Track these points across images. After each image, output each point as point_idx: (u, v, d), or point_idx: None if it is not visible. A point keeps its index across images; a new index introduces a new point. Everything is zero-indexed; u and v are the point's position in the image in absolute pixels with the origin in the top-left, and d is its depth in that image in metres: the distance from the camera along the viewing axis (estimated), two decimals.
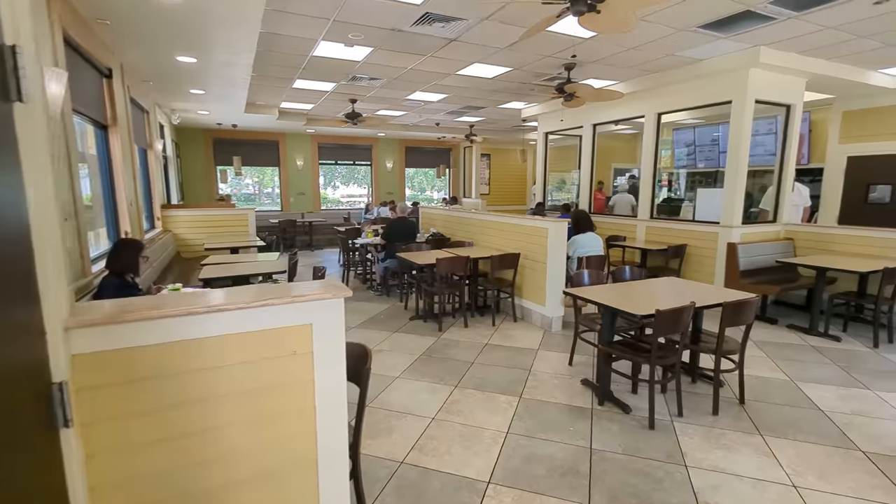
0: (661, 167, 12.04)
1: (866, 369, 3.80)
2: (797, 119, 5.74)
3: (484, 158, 14.86)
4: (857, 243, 5.23)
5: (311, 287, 1.54)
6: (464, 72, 6.05)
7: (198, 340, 1.31)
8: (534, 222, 5.06)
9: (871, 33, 4.46)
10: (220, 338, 1.33)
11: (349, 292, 1.54)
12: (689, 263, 6.03)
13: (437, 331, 4.88)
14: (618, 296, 3.24)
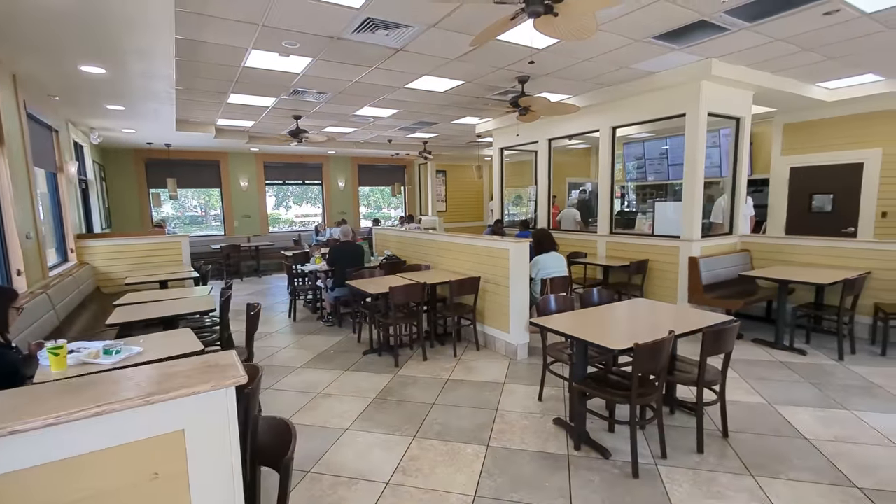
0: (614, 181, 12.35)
1: (838, 385, 3.68)
2: (747, 131, 5.79)
3: (440, 175, 14.61)
4: (810, 253, 5.27)
5: (183, 370, 1.09)
6: (414, 85, 5.72)
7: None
8: (494, 243, 4.74)
9: (815, 46, 4.50)
10: (23, 473, 0.85)
11: (240, 376, 1.10)
12: (652, 279, 5.90)
13: (394, 366, 4.42)
14: (589, 324, 2.94)
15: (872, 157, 6.69)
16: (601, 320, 3.05)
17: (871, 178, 6.73)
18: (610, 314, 3.19)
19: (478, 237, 5.06)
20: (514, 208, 12.76)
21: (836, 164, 7.09)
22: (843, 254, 5.01)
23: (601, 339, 2.61)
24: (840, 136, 6.96)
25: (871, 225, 6.75)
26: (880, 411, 3.21)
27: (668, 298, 5.68)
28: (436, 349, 4.91)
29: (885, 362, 4.17)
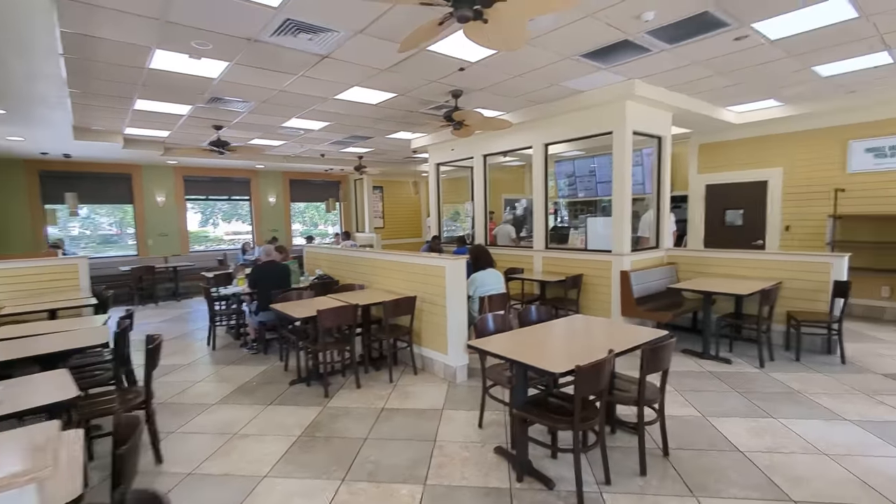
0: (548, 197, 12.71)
1: (762, 393, 3.82)
2: (668, 150, 6.10)
3: (376, 191, 14.30)
4: (727, 265, 5.57)
5: None
6: (344, 96, 5.46)
7: None
8: (430, 261, 4.54)
9: (726, 70, 4.82)
10: None
11: (42, 469, 0.78)
12: (587, 293, 5.97)
13: (324, 396, 4.04)
14: (528, 345, 2.79)
15: (775, 176, 7.32)
16: (540, 340, 2.92)
17: (774, 194, 7.34)
18: (549, 333, 3.08)
19: (413, 254, 4.84)
20: (452, 224, 12.74)
21: (745, 182, 7.68)
22: (757, 265, 5.34)
23: (542, 361, 2.46)
24: (747, 156, 7.57)
25: (776, 237, 7.34)
26: (802, 418, 3.33)
27: (602, 312, 5.76)
28: (370, 375, 4.58)
29: (800, 367, 4.42)
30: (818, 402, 3.60)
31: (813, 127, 6.78)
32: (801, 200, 7.02)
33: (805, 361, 4.59)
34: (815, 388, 3.86)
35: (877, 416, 3.33)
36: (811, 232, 6.93)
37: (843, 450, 2.86)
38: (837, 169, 6.65)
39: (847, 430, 3.13)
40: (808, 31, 3.80)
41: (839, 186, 6.60)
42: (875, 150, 6.37)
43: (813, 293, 4.94)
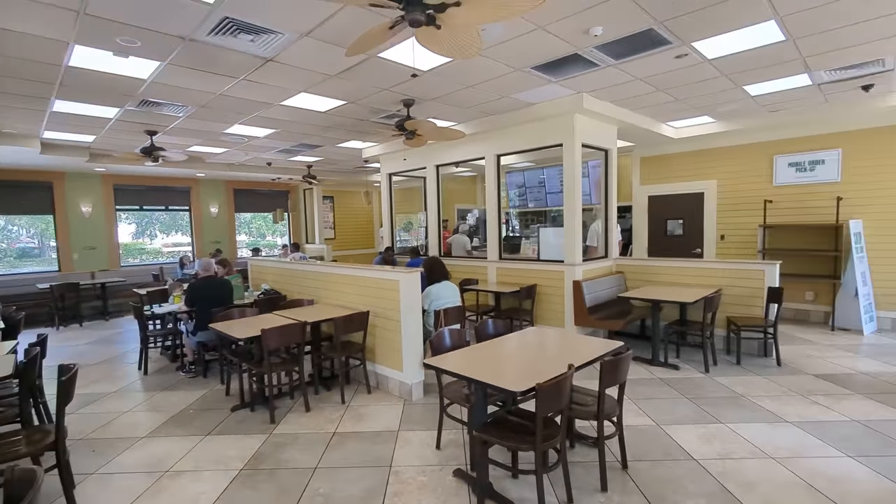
0: None
1: (709, 398, 3.94)
2: (614, 162, 6.30)
3: (327, 201, 13.91)
4: (671, 273, 5.79)
5: None
6: (290, 103, 5.22)
7: None
8: (383, 274, 4.38)
9: (666, 87, 5.04)
10: None
11: None
12: (541, 303, 6.01)
13: (269, 422, 3.75)
14: (486, 362, 2.70)
15: (710, 188, 7.76)
16: (498, 355, 2.84)
17: (710, 205, 7.78)
18: (506, 347, 3.00)
19: (366, 268, 4.66)
20: (405, 235, 12.59)
21: (684, 194, 8.10)
22: (698, 273, 5.58)
23: (501, 378, 2.38)
24: (685, 169, 7.99)
25: (713, 246, 7.77)
26: (748, 421, 3.45)
27: (556, 322, 5.81)
28: (321, 396, 4.32)
29: (741, 371, 4.63)
30: (760, 405, 3.75)
31: (743, 142, 7.26)
32: (734, 211, 7.48)
33: (745, 365, 4.81)
34: (756, 392, 4.04)
35: (813, 416, 3.51)
36: (744, 241, 7.38)
37: (787, 452, 2.97)
38: (765, 181, 7.15)
39: (789, 432, 3.27)
40: (741, 52, 4.03)
41: (767, 198, 7.09)
42: (797, 165, 6.90)
43: (749, 299, 5.22)
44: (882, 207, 6.19)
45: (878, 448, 3.00)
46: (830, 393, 3.98)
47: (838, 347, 5.39)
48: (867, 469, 2.74)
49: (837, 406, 3.69)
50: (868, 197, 6.28)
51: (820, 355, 5.08)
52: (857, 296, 6.05)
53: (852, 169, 6.40)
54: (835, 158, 6.56)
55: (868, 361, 4.83)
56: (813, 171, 6.76)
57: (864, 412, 3.56)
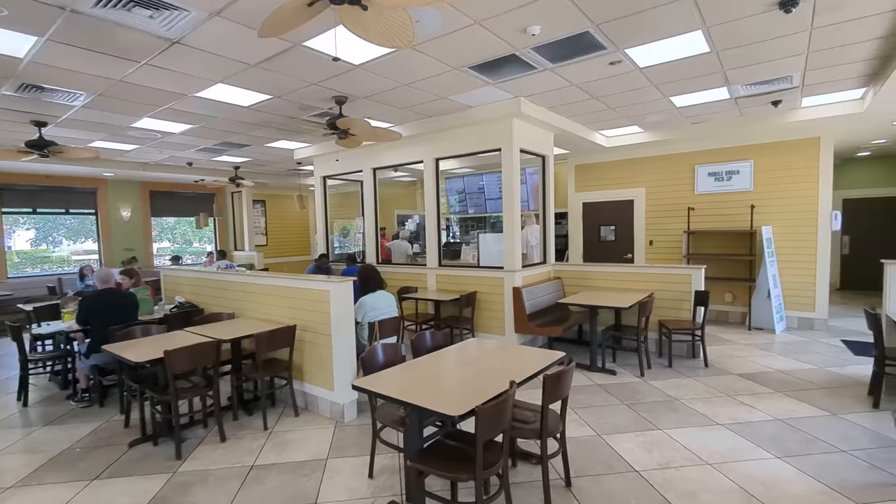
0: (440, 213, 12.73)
1: (646, 404, 3.96)
2: (551, 168, 6.33)
3: (258, 205, 13.07)
4: (606, 278, 5.89)
5: None
6: (206, 94, 4.70)
7: None
8: (311, 284, 4.01)
9: (600, 95, 5.11)
10: None
11: None
12: (481, 310, 5.88)
13: (175, 458, 3.25)
14: (422, 380, 2.46)
15: (639, 195, 8.08)
16: (435, 373, 2.61)
17: (639, 212, 8.10)
18: (444, 363, 2.78)
19: (293, 277, 4.26)
20: (343, 241, 12.08)
21: (615, 201, 8.38)
22: (631, 278, 5.72)
23: (438, 400, 2.14)
24: (616, 177, 8.27)
25: (643, 252, 8.09)
26: (683, 426, 3.48)
27: (496, 329, 5.70)
28: (241, 423, 3.86)
29: (673, 374, 4.74)
30: (693, 408, 3.82)
31: (668, 152, 7.63)
32: (661, 217, 7.83)
33: (676, 367, 4.95)
34: (688, 395, 4.12)
35: (742, 417, 3.61)
36: (670, 246, 7.74)
37: (721, 457, 2.99)
38: (688, 190, 7.54)
39: (721, 435, 3.32)
40: (670, 62, 4.14)
41: (690, 205, 7.48)
42: (715, 175, 7.34)
43: (678, 302, 5.40)
44: (788, 215, 6.72)
45: (801, 447, 3.11)
46: (754, 392, 4.15)
47: (755, 346, 5.72)
48: (795, 470, 2.81)
49: (761, 405, 3.84)
50: (776, 205, 6.79)
51: (740, 355, 5.35)
52: (769, 297, 6.49)
53: (763, 179, 6.90)
54: (748, 169, 7.05)
55: (782, 359, 5.14)
56: (729, 180, 7.22)
57: (785, 410, 3.72)
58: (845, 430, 3.36)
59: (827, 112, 5.88)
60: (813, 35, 3.60)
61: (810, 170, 6.55)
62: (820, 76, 4.68)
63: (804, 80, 4.79)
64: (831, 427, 3.40)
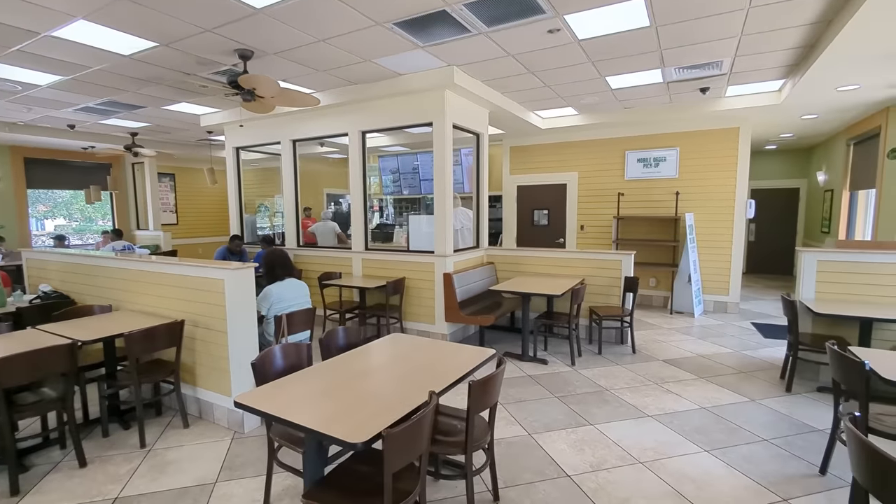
0: (372, 193, 12.11)
1: (577, 395, 3.81)
2: (486, 147, 6.01)
3: (166, 179, 11.67)
4: (539, 263, 5.73)
5: None
6: (67, 34, 3.79)
7: None
8: (203, 271, 3.37)
9: (537, 69, 4.82)
10: None
11: None
12: (410, 297, 5.48)
13: (9, 495, 2.56)
14: (327, 391, 2.02)
15: (572, 180, 8.03)
16: (345, 380, 2.17)
17: (572, 196, 8.07)
18: (357, 366, 2.35)
19: (183, 263, 3.57)
20: (265, 221, 11.12)
21: (549, 185, 8.29)
22: (564, 263, 5.59)
23: (338, 421, 1.72)
24: (551, 160, 8.16)
25: (574, 236, 8.09)
26: (614, 419, 3.34)
27: (426, 318, 5.35)
28: (113, 439, 3.19)
29: (603, 361, 4.67)
30: (623, 398, 3.71)
31: (601, 137, 7.61)
32: (593, 202, 7.85)
33: (606, 354, 4.89)
34: (618, 384, 4.03)
35: (669, 407, 3.55)
36: (601, 231, 7.80)
37: (653, 453, 2.86)
38: (618, 175, 7.59)
39: (651, 428, 3.21)
40: (609, 35, 3.91)
41: (620, 191, 7.55)
42: (644, 161, 7.43)
43: (608, 288, 5.35)
44: (708, 203, 6.95)
45: (726, 437, 3.07)
46: (679, 379, 4.15)
47: (677, 331, 5.86)
48: (723, 464, 2.74)
49: (686, 393, 3.83)
50: (698, 193, 7.00)
51: (664, 340, 5.43)
52: (689, 282, 6.71)
53: (687, 167, 7.07)
54: (674, 156, 7.19)
55: (701, 343, 5.28)
56: (657, 167, 7.33)
57: (708, 398, 3.73)
58: (764, 416, 3.39)
59: (747, 102, 6.05)
60: (749, 14, 3.50)
61: (730, 159, 6.78)
62: (748, 63, 4.70)
63: (733, 66, 4.81)
64: (751, 414, 3.42)
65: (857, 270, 3.96)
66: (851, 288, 3.99)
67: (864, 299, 3.94)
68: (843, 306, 3.75)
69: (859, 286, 3.96)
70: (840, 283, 4.03)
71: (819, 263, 4.08)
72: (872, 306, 3.76)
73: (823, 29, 3.77)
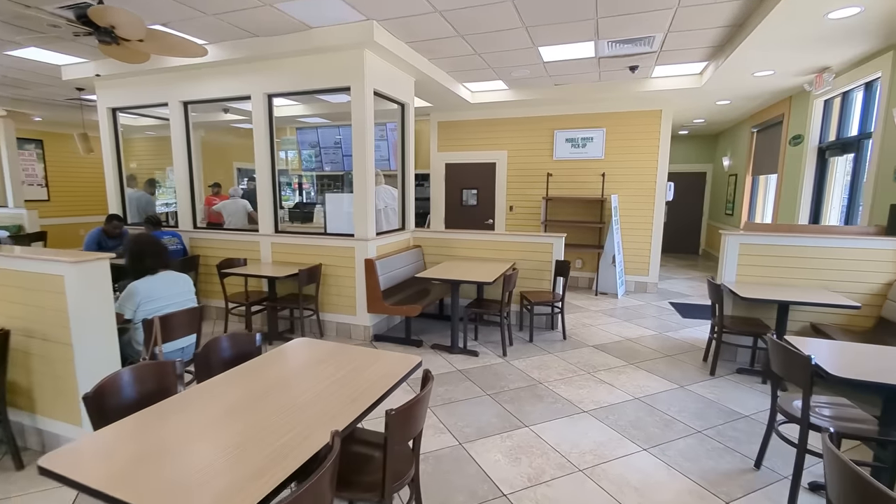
0: (291, 170, 11.06)
1: (510, 391, 3.53)
2: (412, 119, 5.47)
3: (30, 146, 9.78)
4: (469, 246, 5.39)
5: None
6: None
7: None
8: (35, 265, 2.54)
9: (467, 31, 4.35)
10: None
11: None
12: (328, 286, 4.89)
13: None
14: (190, 436, 1.47)
15: (501, 158, 7.76)
16: (220, 415, 1.62)
17: (501, 176, 7.81)
18: (241, 391, 1.80)
19: (4, 252, 2.71)
20: (163, 197, 9.68)
21: (478, 163, 7.96)
22: (495, 247, 5.29)
23: (202, 490, 1.20)
24: (480, 137, 7.81)
25: (503, 217, 7.87)
26: (549, 419, 3.09)
27: (346, 309, 4.81)
28: None
29: (535, 350, 4.46)
30: (558, 392, 3.50)
31: (530, 115, 7.37)
32: (522, 182, 7.65)
33: (537, 341, 4.70)
34: (552, 375, 3.82)
35: (604, 399, 3.39)
36: (530, 212, 7.64)
37: (592, 458, 2.63)
38: (547, 155, 7.43)
39: (588, 426, 3.00)
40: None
41: (549, 171, 7.41)
42: (572, 141, 7.32)
43: (539, 272, 5.15)
44: (630, 184, 7.01)
45: (662, 432, 2.94)
46: (610, 366, 4.04)
47: (603, 312, 5.86)
48: (663, 465, 2.57)
49: (618, 382, 3.70)
50: (622, 174, 7.04)
51: (592, 323, 5.38)
52: (613, 263, 6.77)
53: (612, 148, 7.06)
54: (600, 137, 7.14)
55: (627, 326, 5.29)
56: (584, 147, 7.26)
57: (640, 386, 3.63)
58: (694, 404, 3.34)
59: (671, 84, 6.07)
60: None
61: (652, 142, 6.85)
62: (679, 41, 4.60)
63: (664, 44, 4.69)
64: (682, 402, 3.36)
65: (774, 253, 4.04)
66: (768, 270, 4.08)
67: (779, 281, 4.05)
68: (763, 289, 3.80)
69: (776, 268, 4.06)
70: (758, 265, 4.11)
71: (741, 247, 4.13)
72: (788, 288, 3.85)
73: (757, 5, 3.69)
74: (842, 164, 5.46)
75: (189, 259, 5.25)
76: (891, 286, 3.72)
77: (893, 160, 4.05)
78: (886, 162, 4.15)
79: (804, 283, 3.98)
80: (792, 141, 6.34)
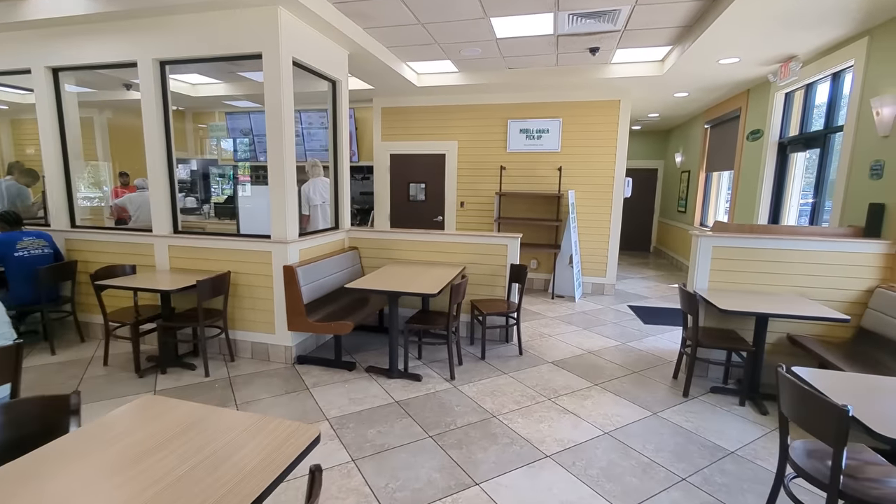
0: (221, 160, 9.84)
1: (457, 430, 2.88)
2: (345, 98, 4.68)
3: None
4: (415, 247, 4.68)
5: None
6: None
7: None
8: None
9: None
10: None
11: None
12: (239, 298, 4.03)
13: None
14: None
15: (451, 149, 7.10)
16: None
17: (451, 168, 7.15)
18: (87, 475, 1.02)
19: None
20: (92, 191, 8.22)
21: (426, 154, 7.25)
22: (443, 248, 4.63)
23: None
24: (427, 126, 7.11)
25: (454, 214, 7.23)
26: (506, 469, 2.47)
27: (263, 327, 3.98)
28: None
29: (487, 370, 3.84)
30: (514, 429, 2.88)
31: (482, 102, 6.76)
32: (473, 176, 7.03)
33: (490, 358, 4.08)
34: (507, 404, 3.21)
35: (569, 437, 2.81)
36: (482, 208, 7.04)
37: None
38: (500, 147, 6.85)
39: (552, 478, 2.40)
40: None
41: (503, 164, 6.83)
42: (527, 132, 6.78)
43: (492, 278, 4.54)
44: (588, 180, 6.57)
45: (641, 482, 2.40)
46: (573, 389, 3.49)
47: (561, 320, 5.36)
48: None
49: (584, 410, 3.15)
50: (580, 169, 6.58)
51: (550, 333, 4.85)
52: (570, 264, 6.31)
53: (569, 140, 6.59)
54: (556, 128, 6.64)
55: (587, 335, 4.80)
56: (539, 139, 6.74)
57: (608, 416, 3.09)
58: (672, 438, 2.83)
59: (631, 72, 5.63)
60: None
61: (610, 135, 6.43)
62: (646, 17, 4.10)
63: (629, 21, 4.18)
64: (659, 437, 2.85)
65: (748, 257, 3.64)
66: (742, 276, 3.68)
67: (753, 287, 3.66)
68: (738, 297, 3.38)
69: (749, 274, 3.66)
70: (731, 270, 3.70)
71: (714, 250, 3.70)
72: (764, 296, 3.45)
73: None
74: (803, 160, 5.23)
75: (61, 266, 4.20)
76: (871, 293, 3.41)
77: (868, 155, 3.75)
78: (861, 157, 3.85)
79: (780, 290, 3.60)
80: (750, 136, 6.11)
